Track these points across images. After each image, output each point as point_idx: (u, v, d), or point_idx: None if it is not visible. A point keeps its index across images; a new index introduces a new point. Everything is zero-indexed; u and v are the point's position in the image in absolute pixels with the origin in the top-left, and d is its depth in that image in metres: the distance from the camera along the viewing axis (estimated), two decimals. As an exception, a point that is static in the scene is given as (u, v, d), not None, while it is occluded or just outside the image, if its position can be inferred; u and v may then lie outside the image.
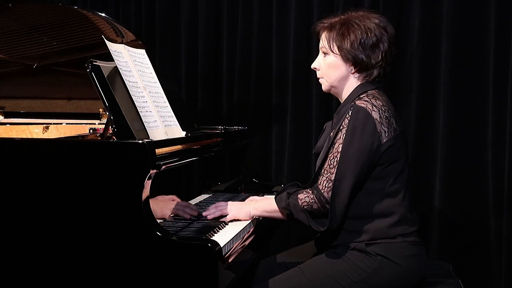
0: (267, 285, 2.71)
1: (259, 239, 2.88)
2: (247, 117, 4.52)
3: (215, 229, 2.61)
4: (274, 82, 4.45)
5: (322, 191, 2.57)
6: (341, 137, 2.58)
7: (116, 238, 2.32)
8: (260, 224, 2.91)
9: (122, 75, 2.75)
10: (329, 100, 4.23)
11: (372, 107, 2.58)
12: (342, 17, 2.79)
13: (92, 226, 2.34)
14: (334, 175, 2.55)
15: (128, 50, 2.94)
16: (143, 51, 3.09)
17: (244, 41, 4.53)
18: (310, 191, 2.62)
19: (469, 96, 3.83)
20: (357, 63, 2.71)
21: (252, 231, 2.78)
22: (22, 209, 2.42)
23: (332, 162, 2.58)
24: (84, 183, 2.36)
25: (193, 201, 3.07)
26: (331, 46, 2.75)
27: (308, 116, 4.35)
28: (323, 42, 2.81)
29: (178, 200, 2.88)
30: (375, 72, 2.73)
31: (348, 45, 2.69)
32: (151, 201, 2.36)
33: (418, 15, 3.96)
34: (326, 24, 2.82)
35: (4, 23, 3.30)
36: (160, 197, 2.76)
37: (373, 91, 2.71)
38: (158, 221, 2.39)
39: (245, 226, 2.75)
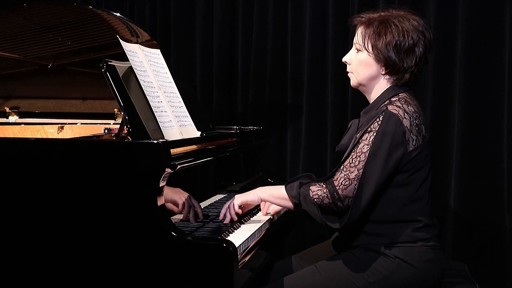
0: (282, 283, 2.69)
1: (274, 239, 2.87)
2: (262, 117, 4.52)
3: (230, 229, 2.61)
4: (289, 82, 4.45)
5: (338, 187, 2.52)
6: (368, 139, 2.53)
7: (131, 238, 2.31)
8: (275, 224, 2.90)
9: (137, 75, 2.74)
10: (345, 100, 4.23)
11: (404, 114, 2.53)
12: (382, 13, 2.70)
13: (107, 226, 2.34)
14: (353, 174, 2.52)
15: (143, 50, 2.93)
16: (158, 51, 3.09)
17: (259, 41, 4.53)
18: (324, 185, 2.57)
19: (484, 96, 3.82)
20: (389, 65, 2.65)
21: (267, 231, 2.77)
22: (37, 209, 2.42)
23: (354, 161, 2.53)
24: (99, 183, 2.35)
25: (208, 201, 3.07)
26: (365, 43, 2.68)
27: (323, 115, 4.34)
28: (358, 38, 2.72)
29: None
30: (407, 76, 2.66)
31: (383, 45, 2.62)
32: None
33: (433, 15, 3.95)
34: (363, 19, 2.72)
35: (19, 23, 3.31)
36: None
37: (404, 94, 2.66)
38: (173, 220, 2.39)
39: (260, 226, 2.74)
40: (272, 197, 2.76)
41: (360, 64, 2.72)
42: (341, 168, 2.57)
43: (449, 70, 3.93)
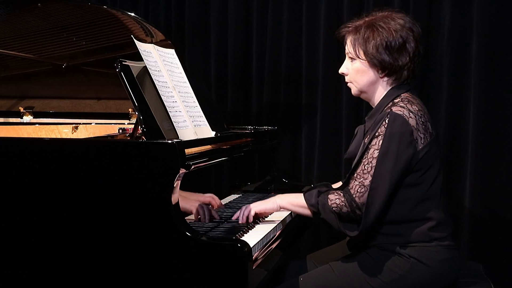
0: (296, 282, 2.69)
1: (289, 239, 2.86)
2: (277, 117, 4.51)
3: (244, 229, 2.60)
4: (304, 82, 4.43)
5: (354, 195, 2.53)
6: (377, 143, 2.53)
7: (146, 238, 2.31)
8: (289, 224, 2.89)
9: (151, 75, 2.74)
10: (360, 100, 4.18)
11: (409, 114, 2.54)
12: (367, 19, 2.73)
13: (121, 226, 2.34)
14: (367, 180, 2.52)
15: (157, 50, 2.93)
16: (172, 51, 3.08)
17: (274, 40, 4.52)
18: (342, 194, 2.58)
19: (500, 96, 3.78)
20: (384, 67, 2.67)
21: (282, 231, 2.76)
22: (51, 208, 2.42)
23: (366, 168, 2.54)
24: (114, 183, 2.35)
25: (223, 201, 3.06)
26: (357, 51, 2.71)
27: (338, 115, 4.32)
28: (349, 48, 2.76)
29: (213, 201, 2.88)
30: (405, 74, 2.69)
31: (374, 49, 2.64)
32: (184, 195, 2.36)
33: (448, 14, 3.92)
34: (350, 28, 2.76)
35: (34, 23, 3.32)
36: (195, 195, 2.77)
37: (406, 94, 2.67)
38: (188, 221, 2.38)
39: (275, 226, 2.73)
40: (291, 205, 2.78)
41: (357, 72, 2.75)
42: (355, 176, 2.58)
43: (464, 70, 3.90)
